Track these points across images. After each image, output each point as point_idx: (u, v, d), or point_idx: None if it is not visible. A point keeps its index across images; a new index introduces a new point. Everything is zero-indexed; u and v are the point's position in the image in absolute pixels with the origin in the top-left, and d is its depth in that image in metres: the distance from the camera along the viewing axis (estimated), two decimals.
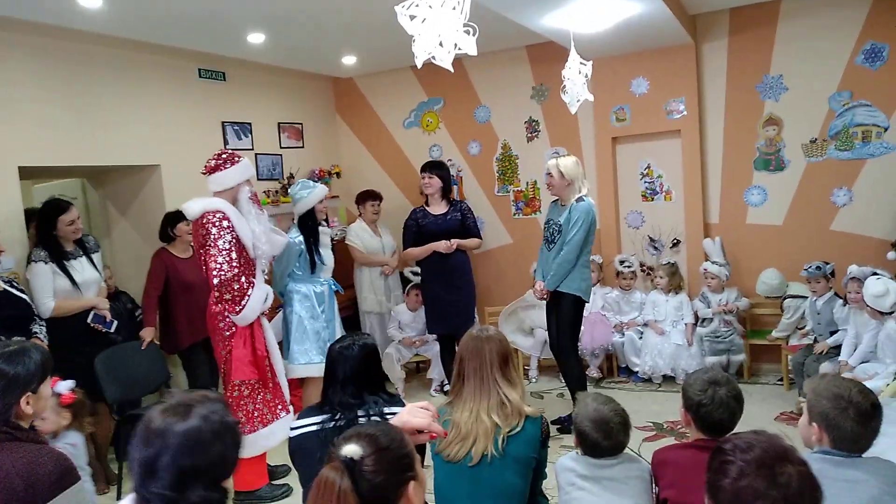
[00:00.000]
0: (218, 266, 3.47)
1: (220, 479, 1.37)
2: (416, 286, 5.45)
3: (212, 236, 3.48)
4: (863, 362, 3.97)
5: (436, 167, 4.93)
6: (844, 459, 1.85)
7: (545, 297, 4.37)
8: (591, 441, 2.17)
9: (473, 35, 2.14)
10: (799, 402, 4.48)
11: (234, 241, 3.52)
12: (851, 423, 1.83)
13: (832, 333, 4.38)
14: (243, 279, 3.52)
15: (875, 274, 3.96)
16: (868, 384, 2.31)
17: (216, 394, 1.48)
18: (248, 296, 3.53)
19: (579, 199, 4.23)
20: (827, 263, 4.54)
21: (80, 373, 3.77)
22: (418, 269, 5.65)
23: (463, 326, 4.60)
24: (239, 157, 3.75)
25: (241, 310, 3.52)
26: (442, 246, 4.73)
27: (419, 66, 2.30)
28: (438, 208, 4.89)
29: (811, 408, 1.91)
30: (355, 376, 2.38)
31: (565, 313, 4.30)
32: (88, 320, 3.96)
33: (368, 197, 5.71)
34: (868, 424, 1.84)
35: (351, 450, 1.27)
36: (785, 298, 4.90)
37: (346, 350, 2.41)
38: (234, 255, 3.50)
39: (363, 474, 1.25)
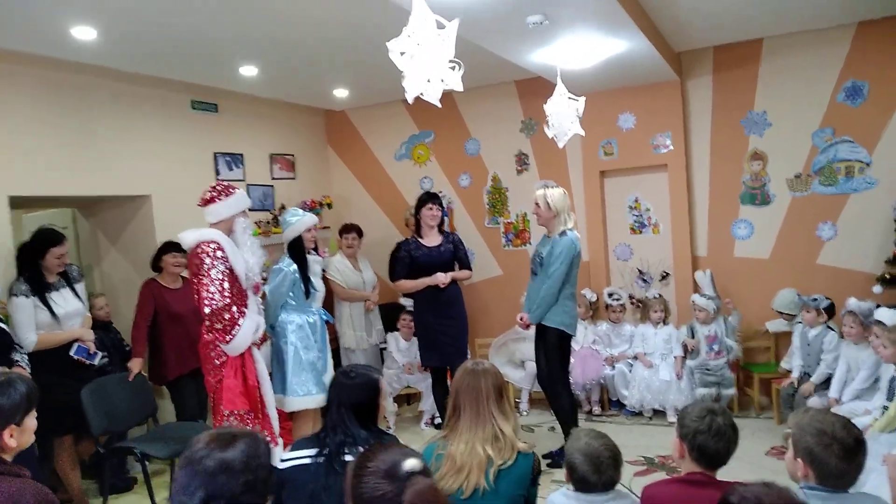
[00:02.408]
0: (210, 295, 3.48)
1: None
2: (409, 312, 5.42)
3: (205, 266, 3.50)
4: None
5: (437, 198, 4.94)
6: (831, 495, 1.85)
7: (526, 326, 4.38)
8: (581, 475, 2.15)
9: (459, 70, 2.19)
10: (785, 433, 4.47)
11: (227, 271, 3.54)
12: (836, 459, 1.83)
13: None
14: (234, 309, 3.52)
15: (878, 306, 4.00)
16: (857, 420, 2.32)
17: (257, 433, 1.61)
18: (239, 325, 3.53)
19: (562, 234, 4.25)
20: (827, 299, 4.57)
21: (59, 406, 3.74)
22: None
23: (456, 359, 4.65)
24: (234, 189, 3.78)
25: (231, 339, 3.52)
26: (439, 279, 4.71)
27: (410, 101, 2.35)
28: (432, 240, 4.86)
29: (796, 443, 1.92)
30: (353, 406, 2.37)
31: (551, 347, 4.30)
32: (71, 353, 3.90)
33: (344, 230, 5.70)
34: (853, 460, 1.85)
35: (411, 464, 1.50)
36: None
37: (349, 379, 2.41)
38: (226, 286, 3.52)
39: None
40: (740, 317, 5.14)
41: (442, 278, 4.71)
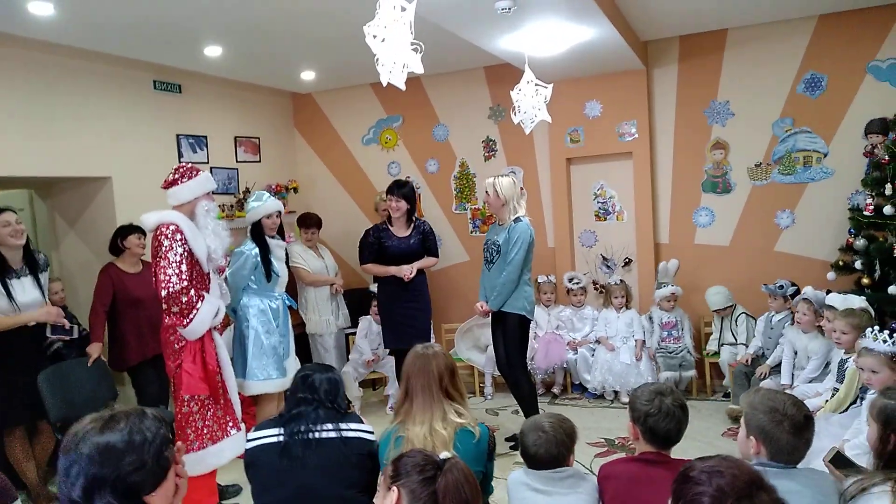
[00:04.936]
0: (167, 278, 3.43)
1: (135, 493, 1.37)
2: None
3: (163, 248, 3.45)
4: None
5: (402, 188, 4.81)
6: (781, 471, 1.91)
7: (486, 314, 4.42)
8: (529, 451, 2.23)
9: (420, 53, 2.19)
10: (731, 408, 4.63)
11: (185, 254, 3.48)
12: (787, 435, 1.90)
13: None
14: (192, 293, 3.47)
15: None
16: (809, 402, 2.41)
17: (157, 411, 1.51)
18: (197, 309, 3.48)
19: (517, 220, 4.29)
20: (793, 285, 4.71)
21: (24, 392, 3.67)
22: None
23: (417, 342, 4.67)
24: (198, 171, 3.71)
25: (188, 323, 3.47)
26: (404, 272, 4.72)
27: (384, 84, 2.34)
28: (402, 230, 4.85)
29: (748, 421, 1.98)
30: (327, 401, 2.42)
31: (511, 332, 4.33)
32: (48, 333, 3.83)
33: (304, 223, 5.68)
34: (802, 436, 1.92)
35: (445, 455, 1.68)
36: (738, 316, 5.08)
37: (323, 376, 2.46)
38: (184, 268, 3.46)
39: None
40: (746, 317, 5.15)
41: (406, 272, 4.72)
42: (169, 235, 3.47)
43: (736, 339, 5.04)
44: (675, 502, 1.41)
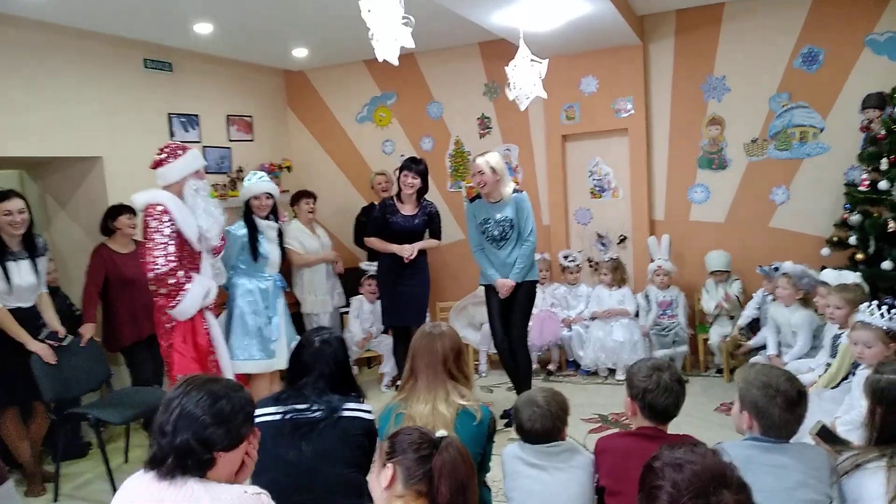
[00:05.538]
0: (153, 259, 3.41)
1: (209, 445, 1.59)
2: (371, 277, 5.45)
3: (150, 229, 3.43)
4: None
5: (418, 164, 4.79)
6: (773, 445, 1.92)
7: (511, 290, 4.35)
8: (518, 423, 2.24)
9: (410, 28, 2.16)
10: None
11: (173, 234, 3.45)
12: (780, 410, 1.91)
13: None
14: (180, 273, 3.45)
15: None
16: (802, 378, 2.41)
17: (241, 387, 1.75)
18: (185, 290, 3.46)
19: (517, 191, 4.33)
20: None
21: (13, 367, 3.66)
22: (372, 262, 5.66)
23: (417, 320, 4.67)
24: (185, 149, 3.67)
25: (176, 304, 3.46)
26: (405, 251, 4.71)
27: (380, 59, 2.31)
28: (409, 208, 4.84)
29: (742, 396, 1.99)
30: (332, 373, 2.41)
31: (527, 302, 4.37)
32: (41, 337, 3.81)
33: (302, 195, 5.58)
34: (794, 411, 1.93)
35: (441, 433, 1.71)
36: (733, 283, 5.12)
37: (327, 345, 2.44)
38: (170, 250, 3.44)
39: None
40: (741, 286, 5.15)
41: (407, 252, 4.71)
42: (156, 216, 3.44)
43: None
44: (640, 491, 1.37)
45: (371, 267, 5.46)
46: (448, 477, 1.56)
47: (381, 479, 1.61)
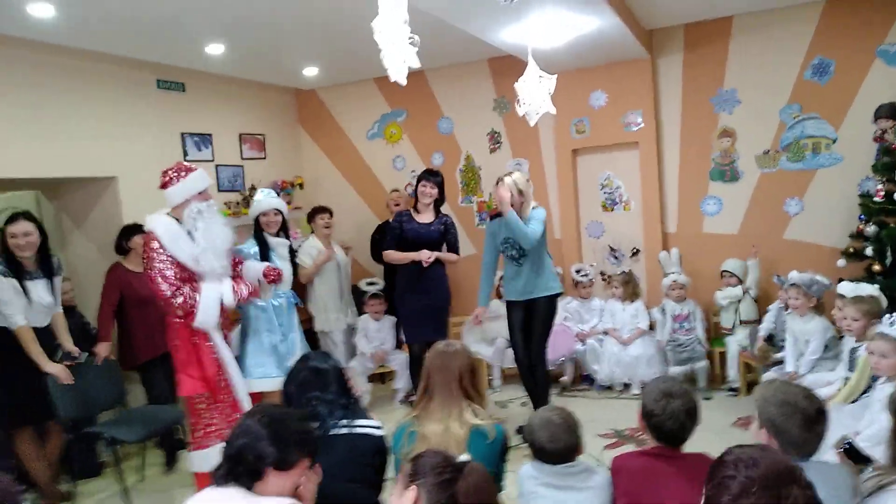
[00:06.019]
0: (156, 287, 3.43)
1: (263, 457, 1.76)
2: (374, 296, 5.48)
3: (147, 258, 3.46)
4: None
5: (434, 175, 4.86)
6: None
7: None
8: (538, 444, 2.22)
9: (416, 47, 2.17)
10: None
11: (167, 260, 3.45)
12: (798, 428, 1.88)
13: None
14: (186, 289, 3.46)
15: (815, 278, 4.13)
16: (820, 392, 2.38)
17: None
18: (196, 301, 3.49)
19: (535, 208, 4.31)
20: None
21: (29, 387, 3.69)
22: (374, 280, 5.68)
23: (437, 336, 4.67)
24: (188, 171, 3.62)
25: (194, 318, 3.49)
26: (423, 256, 4.71)
27: (393, 80, 2.33)
28: (425, 217, 4.85)
29: (760, 413, 1.96)
30: (340, 397, 2.45)
31: (548, 316, 4.37)
32: (57, 358, 3.85)
33: (318, 211, 5.57)
34: (813, 430, 1.90)
35: (464, 457, 1.73)
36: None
37: (329, 366, 2.50)
38: (168, 274, 3.42)
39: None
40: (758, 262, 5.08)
41: (425, 256, 4.71)
42: (149, 244, 3.46)
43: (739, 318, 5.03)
44: (708, 483, 1.39)
45: (372, 287, 5.43)
46: (473, 503, 1.55)
47: (402, 501, 1.60)
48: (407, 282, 4.86)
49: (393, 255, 4.88)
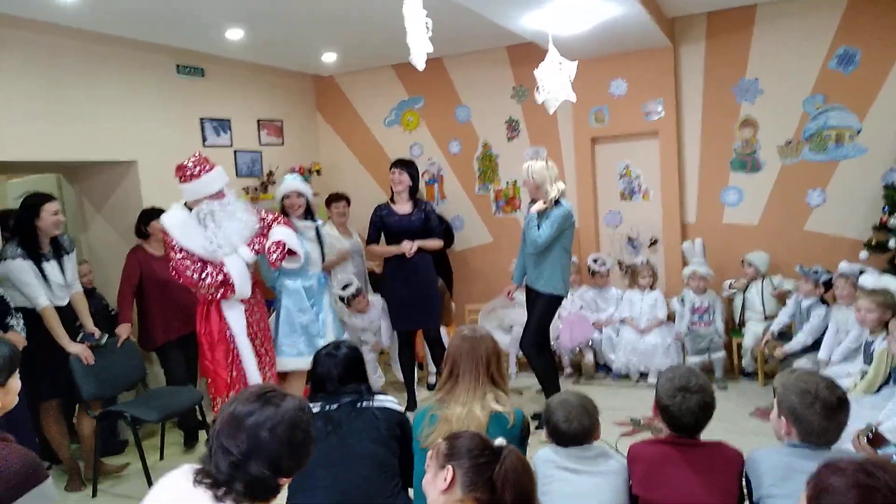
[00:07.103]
0: (187, 278, 3.62)
1: (280, 469, 1.50)
2: (353, 296, 5.34)
3: (169, 250, 3.68)
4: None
5: (406, 164, 4.85)
6: (812, 452, 1.88)
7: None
8: (553, 425, 2.23)
9: (428, 32, 2.18)
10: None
11: (183, 251, 3.65)
12: (818, 417, 1.87)
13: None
14: (210, 270, 3.59)
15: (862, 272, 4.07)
16: (839, 383, 2.36)
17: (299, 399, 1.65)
18: (225, 274, 3.65)
19: (556, 202, 4.22)
20: (828, 272, 4.55)
21: (60, 366, 3.75)
22: (347, 283, 5.25)
23: (426, 322, 4.81)
24: (205, 170, 3.71)
25: (231, 291, 3.69)
26: (404, 248, 4.70)
27: (413, 63, 2.33)
28: (404, 207, 4.83)
29: (780, 402, 1.96)
30: (349, 375, 2.55)
31: (543, 312, 4.37)
32: (79, 339, 3.93)
33: (334, 199, 5.58)
34: (834, 418, 1.89)
35: (500, 441, 1.68)
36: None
37: (338, 352, 2.60)
38: (188, 263, 3.63)
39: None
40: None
41: (407, 248, 4.70)
42: (167, 240, 3.69)
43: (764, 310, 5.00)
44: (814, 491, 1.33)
45: (346, 291, 5.07)
46: (512, 486, 1.55)
47: (437, 481, 1.60)
48: (392, 271, 4.88)
49: (375, 250, 4.91)
